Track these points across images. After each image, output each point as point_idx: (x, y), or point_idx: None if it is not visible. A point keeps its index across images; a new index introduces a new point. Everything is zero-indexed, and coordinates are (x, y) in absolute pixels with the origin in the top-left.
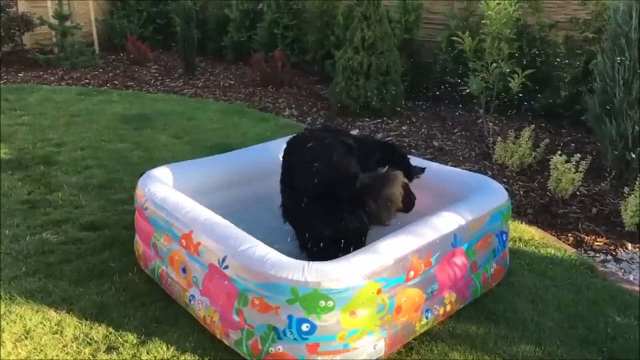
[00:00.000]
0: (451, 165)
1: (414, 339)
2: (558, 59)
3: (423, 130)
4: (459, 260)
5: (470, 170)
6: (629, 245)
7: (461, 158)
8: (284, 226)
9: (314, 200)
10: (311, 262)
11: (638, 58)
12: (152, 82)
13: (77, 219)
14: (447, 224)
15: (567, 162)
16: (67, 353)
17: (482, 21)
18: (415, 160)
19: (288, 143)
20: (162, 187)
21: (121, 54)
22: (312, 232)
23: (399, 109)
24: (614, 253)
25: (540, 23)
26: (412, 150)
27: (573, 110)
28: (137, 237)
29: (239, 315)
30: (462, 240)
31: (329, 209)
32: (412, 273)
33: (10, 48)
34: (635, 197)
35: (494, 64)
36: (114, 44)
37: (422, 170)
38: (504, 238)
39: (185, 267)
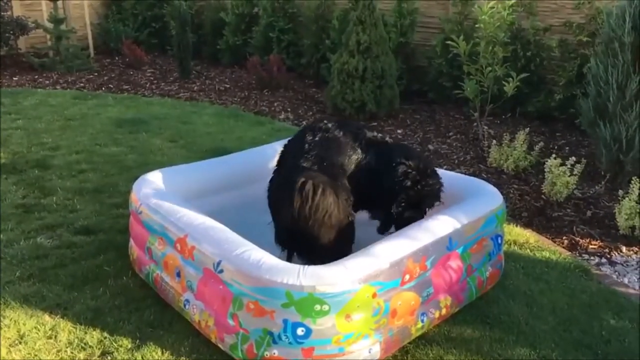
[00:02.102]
0: (446, 169)
1: (409, 343)
2: (552, 63)
3: (418, 133)
4: (455, 263)
5: (465, 174)
6: (624, 248)
7: (456, 161)
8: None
9: (279, 187)
10: (306, 266)
11: (631, 61)
12: (147, 85)
13: (71, 223)
14: (442, 227)
15: (561, 165)
16: (61, 358)
17: (477, 25)
18: None
19: (301, 129)
20: (157, 191)
21: (116, 58)
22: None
23: (394, 112)
24: (608, 256)
25: (534, 27)
26: None
27: (567, 114)
28: (131, 242)
29: (234, 320)
30: (457, 243)
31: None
32: (407, 277)
33: (5, 52)
34: (630, 200)
35: (489, 68)
36: (109, 48)
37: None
38: (499, 241)
39: (180, 272)
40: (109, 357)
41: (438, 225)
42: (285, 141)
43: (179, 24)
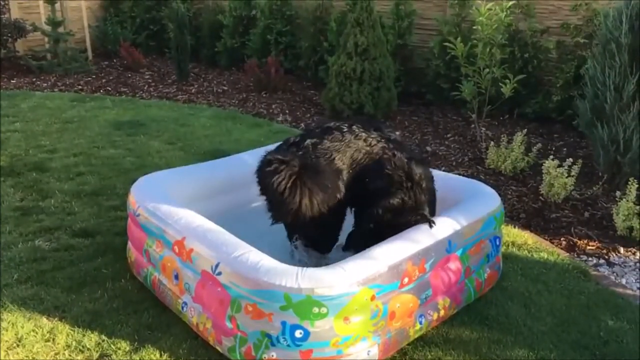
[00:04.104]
0: (444, 170)
1: (407, 344)
2: (550, 64)
3: (416, 135)
4: (453, 265)
5: (463, 175)
6: (621, 249)
7: (454, 163)
8: (278, 232)
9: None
10: (304, 269)
11: (628, 63)
12: (145, 88)
13: (69, 226)
14: (441, 230)
15: (559, 166)
16: None
17: (474, 27)
18: None
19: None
20: (155, 193)
21: (114, 60)
22: None
23: (392, 114)
24: (606, 257)
25: (532, 28)
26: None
27: (565, 115)
28: (129, 244)
29: (232, 322)
30: (456, 246)
31: None
32: (406, 279)
33: (3, 54)
34: (627, 201)
35: (486, 69)
36: (107, 50)
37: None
38: (497, 243)
39: (178, 274)
40: None
41: (438, 228)
42: None
43: (176, 26)
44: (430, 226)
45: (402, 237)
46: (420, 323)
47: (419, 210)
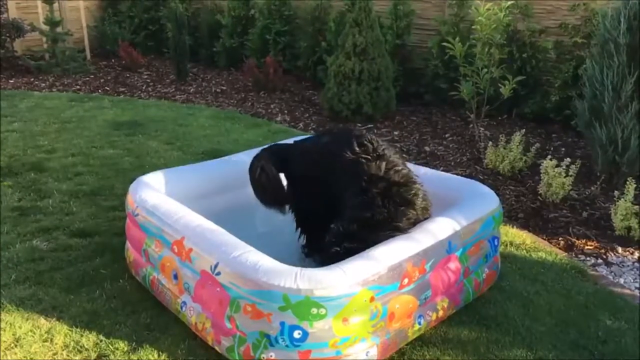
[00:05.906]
0: (442, 170)
1: (406, 344)
2: (548, 64)
3: (415, 135)
4: (453, 266)
5: (461, 175)
6: (619, 249)
7: (452, 163)
8: (277, 232)
9: None
10: (303, 269)
11: (626, 63)
12: (143, 88)
13: (67, 226)
14: (441, 230)
15: (557, 166)
16: None
17: (473, 27)
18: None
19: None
20: (154, 193)
21: (113, 60)
22: None
23: (390, 114)
24: (604, 257)
25: (530, 28)
26: (404, 156)
27: (563, 115)
28: (128, 244)
29: (231, 322)
30: (456, 246)
31: None
32: (406, 280)
33: (1, 54)
34: (625, 201)
35: (485, 69)
36: (106, 50)
37: None
38: (496, 243)
39: (177, 274)
40: None
41: (437, 229)
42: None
43: (175, 26)
44: None
45: (403, 238)
46: (419, 324)
47: (394, 223)
